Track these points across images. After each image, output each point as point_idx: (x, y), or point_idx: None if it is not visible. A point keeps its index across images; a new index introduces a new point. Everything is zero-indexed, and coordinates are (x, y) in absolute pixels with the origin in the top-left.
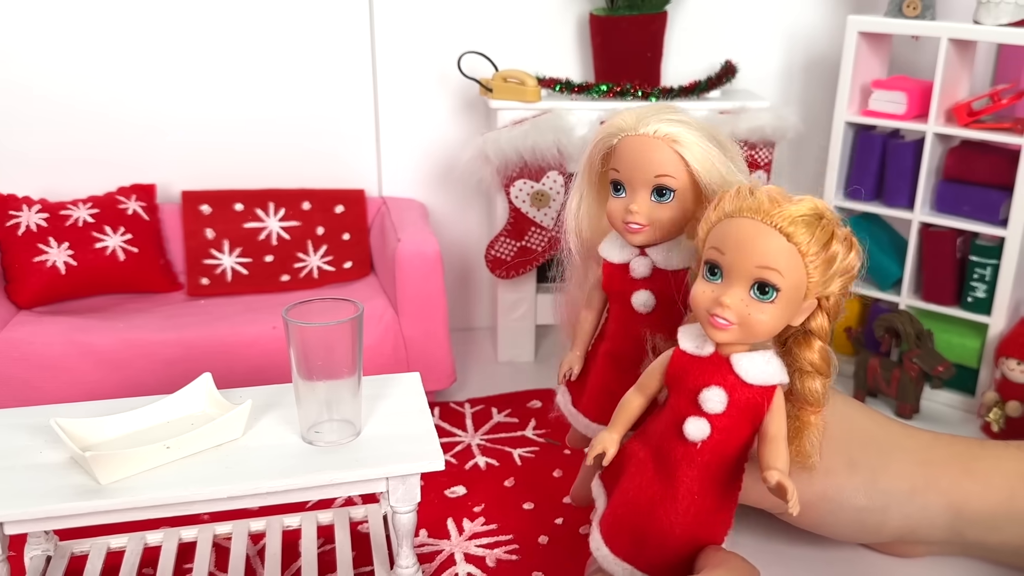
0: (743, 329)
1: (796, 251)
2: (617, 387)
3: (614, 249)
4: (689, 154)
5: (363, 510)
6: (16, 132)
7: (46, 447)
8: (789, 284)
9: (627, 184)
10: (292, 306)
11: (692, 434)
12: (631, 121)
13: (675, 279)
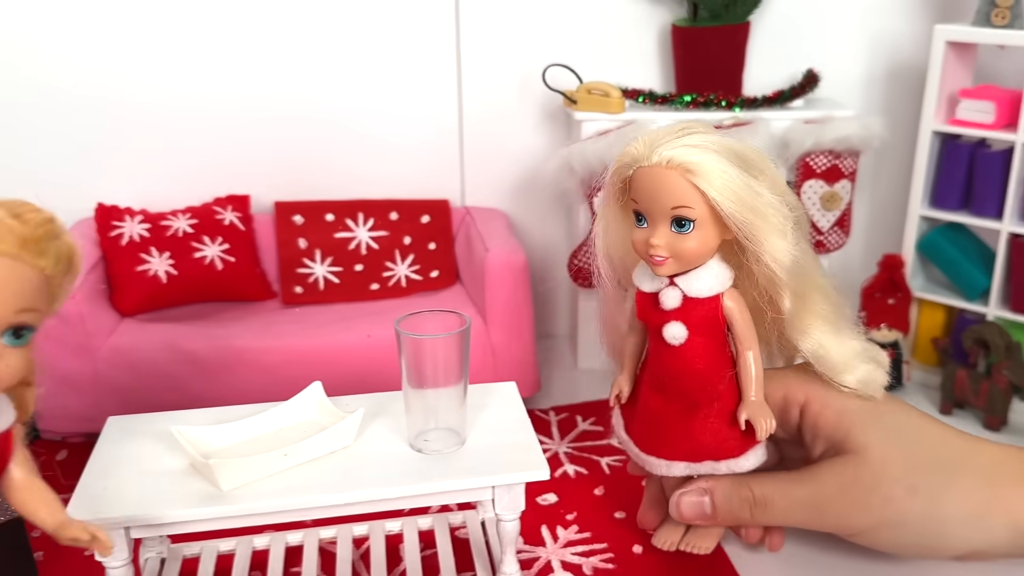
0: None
1: None
2: (662, 417)
3: (645, 278)
4: (704, 182)
5: (461, 516)
6: (118, 145)
7: (165, 453)
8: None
9: (647, 215)
10: (403, 317)
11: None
12: (643, 150)
13: (708, 306)
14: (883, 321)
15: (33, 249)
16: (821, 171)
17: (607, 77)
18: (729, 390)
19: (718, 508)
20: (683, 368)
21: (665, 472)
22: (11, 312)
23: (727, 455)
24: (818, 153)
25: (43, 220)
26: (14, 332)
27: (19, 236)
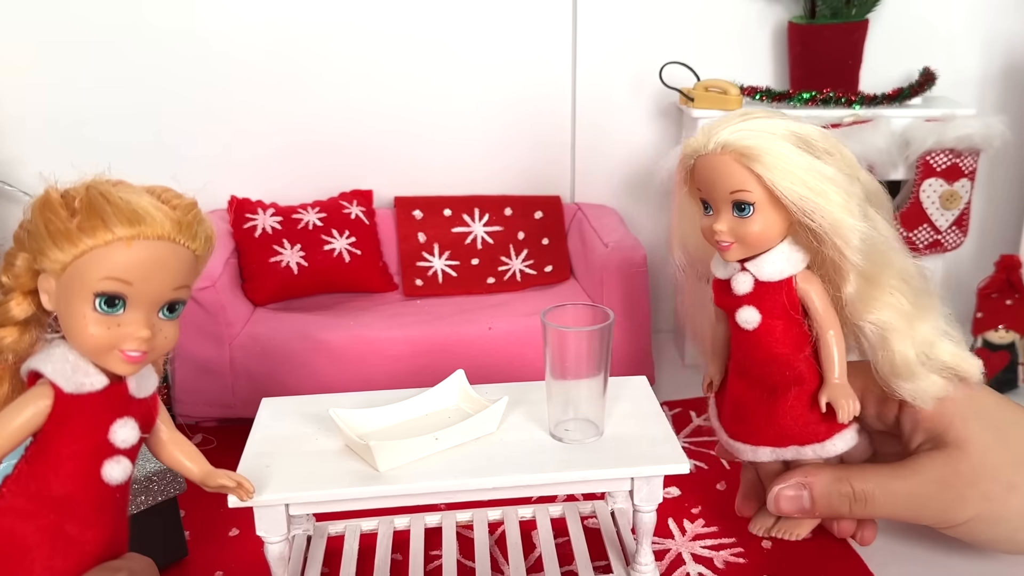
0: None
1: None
2: (746, 402)
3: (719, 265)
4: (758, 165)
5: (590, 505)
6: (249, 141)
7: (319, 434)
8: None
9: (711, 202)
10: (548, 310)
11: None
12: (702, 139)
13: (780, 289)
14: (1000, 322)
15: (186, 232)
16: (941, 170)
17: (721, 75)
18: (811, 373)
19: (817, 502)
20: (760, 352)
21: (751, 457)
22: (169, 289)
23: (812, 439)
24: (939, 152)
25: (190, 205)
26: (169, 307)
27: (174, 221)
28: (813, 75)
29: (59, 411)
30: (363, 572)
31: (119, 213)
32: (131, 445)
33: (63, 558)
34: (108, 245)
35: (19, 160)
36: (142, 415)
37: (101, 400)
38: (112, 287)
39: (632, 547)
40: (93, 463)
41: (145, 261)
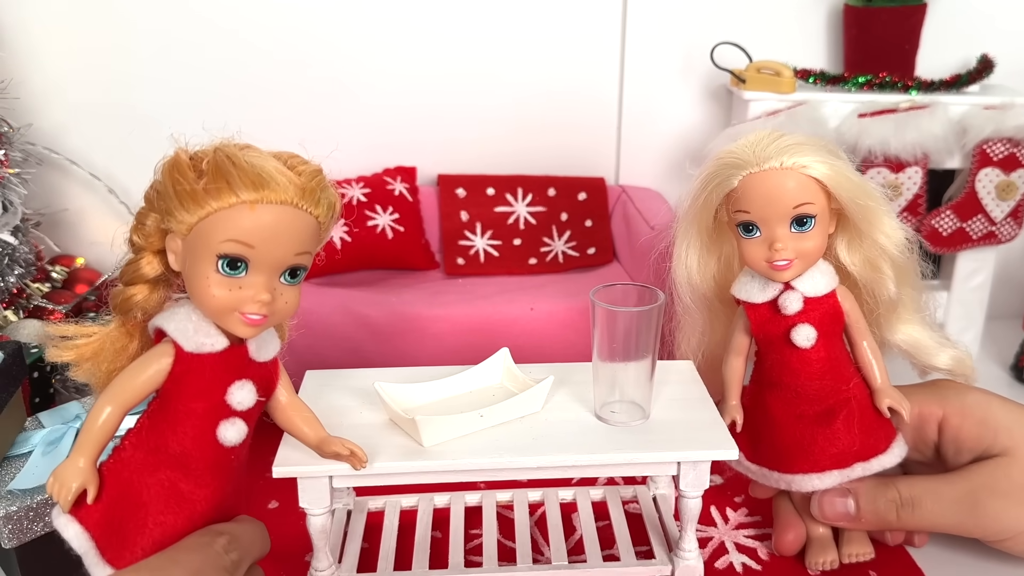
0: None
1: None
2: (801, 430)
3: (754, 289)
4: (820, 173)
5: (631, 490)
6: (296, 114)
7: (363, 407)
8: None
9: (761, 223)
10: (597, 289)
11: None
12: (749, 157)
13: (827, 303)
14: None
15: (309, 198)
16: (998, 159)
17: (774, 56)
18: (859, 387)
19: (863, 510)
20: (814, 371)
21: (818, 485)
22: (291, 255)
23: (874, 452)
24: (996, 140)
25: (314, 171)
26: (291, 272)
27: (298, 187)
28: (868, 59)
29: (179, 369)
30: (403, 548)
31: (244, 176)
32: (247, 408)
33: (174, 514)
34: (232, 208)
35: (65, 127)
36: (261, 379)
37: (220, 361)
38: (234, 250)
39: (674, 533)
40: (209, 423)
41: (268, 225)
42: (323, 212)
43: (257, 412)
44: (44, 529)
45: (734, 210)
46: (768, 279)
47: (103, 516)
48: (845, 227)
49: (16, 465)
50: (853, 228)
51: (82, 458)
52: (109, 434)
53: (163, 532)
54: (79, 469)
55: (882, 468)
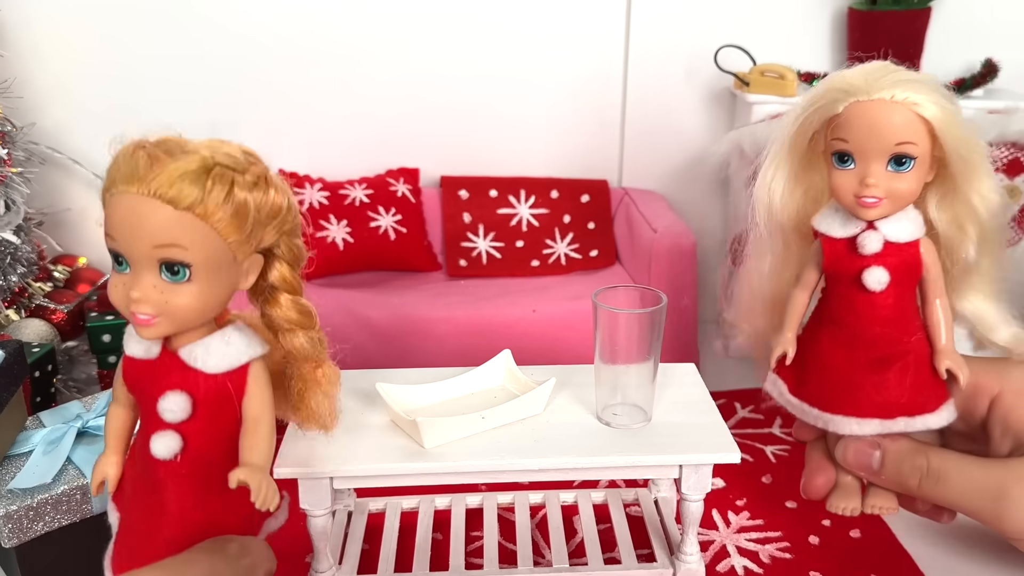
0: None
1: (191, 216)
2: (852, 373)
3: (835, 223)
4: (931, 114)
5: (632, 493)
6: (300, 114)
7: (364, 409)
8: (200, 255)
9: (858, 155)
10: (600, 291)
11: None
12: (860, 84)
13: (908, 251)
14: None
15: (164, 186)
16: (1002, 163)
17: (778, 59)
18: (920, 342)
19: (886, 467)
20: (878, 316)
21: (856, 431)
22: (150, 246)
23: (922, 410)
24: (1000, 144)
25: (195, 159)
26: (168, 268)
27: (151, 175)
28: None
29: (126, 375)
30: (403, 549)
31: (112, 169)
32: (178, 420)
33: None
34: (105, 202)
35: (67, 126)
36: (208, 391)
37: (153, 368)
38: (108, 242)
39: (676, 536)
40: (146, 433)
41: (118, 214)
42: (189, 198)
43: (208, 429)
44: (44, 528)
45: (832, 137)
46: (853, 215)
47: (123, 503)
48: (942, 179)
49: (17, 464)
50: (950, 181)
51: (107, 451)
52: (121, 429)
53: (134, 551)
54: (102, 460)
55: (926, 427)
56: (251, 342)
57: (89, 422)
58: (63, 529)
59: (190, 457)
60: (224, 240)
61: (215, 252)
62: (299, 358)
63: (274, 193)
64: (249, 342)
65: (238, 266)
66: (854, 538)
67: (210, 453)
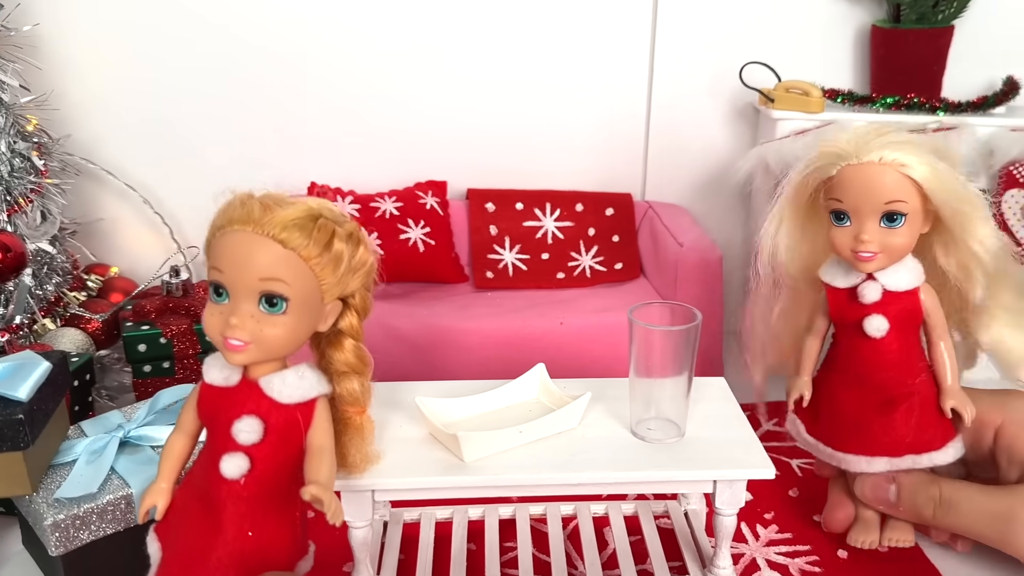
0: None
1: (296, 256)
2: (861, 414)
3: (838, 274)
4: (918, 175)
5: (662, 505)
6: (330, 128)
7: (404, 422)
8: (297, 291)
9: (852, 213)
10: (635, 307)
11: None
12: (850, 148)
13: (907, 299)
14: None
15: (275, 227)
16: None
17: (801, 76)
18: (926, 383)
19: (902, 499)
20: (882, 361)
21: (865, 468)
22: (255, 279)
23: (928, 448)
24: (1022, 162)
25: (305, 208)
26: (267, 301)
27: (265, 217)
28: (896, 79)
29: (202, 401)
30: (439, 560)
31: (224, 211)
32: (250, 443)
33: (199, 552)
34: (213, 238)
35: (102, 138)
36: (279, 419)
37: (231, 395)
38: (213, 275)
39: (707, 549)
40: (216, 454)
41: (229, 249)
42: (295, 240)
43: (275, 454)
44: (89, 537)
45: (828, 197)
46: (852, 267)
47: (166, 535)
48: (940, 229)
49: (61, 473)
50: (948, 231)
51: (158, 479)
52: (177, 458)
53: (183, 568)
54: (153, 488)
55: (932, 464)
56: (320, 379)
57: (130, 432)
58: (107, 538)
59: (254, 480)
60: (318, 282)
61: (309, 291)
62: (347, 401)
63: (363, 249)
64: (319, 379)
65: (323, 308)
66: (882, 553)
67: (272, 479)
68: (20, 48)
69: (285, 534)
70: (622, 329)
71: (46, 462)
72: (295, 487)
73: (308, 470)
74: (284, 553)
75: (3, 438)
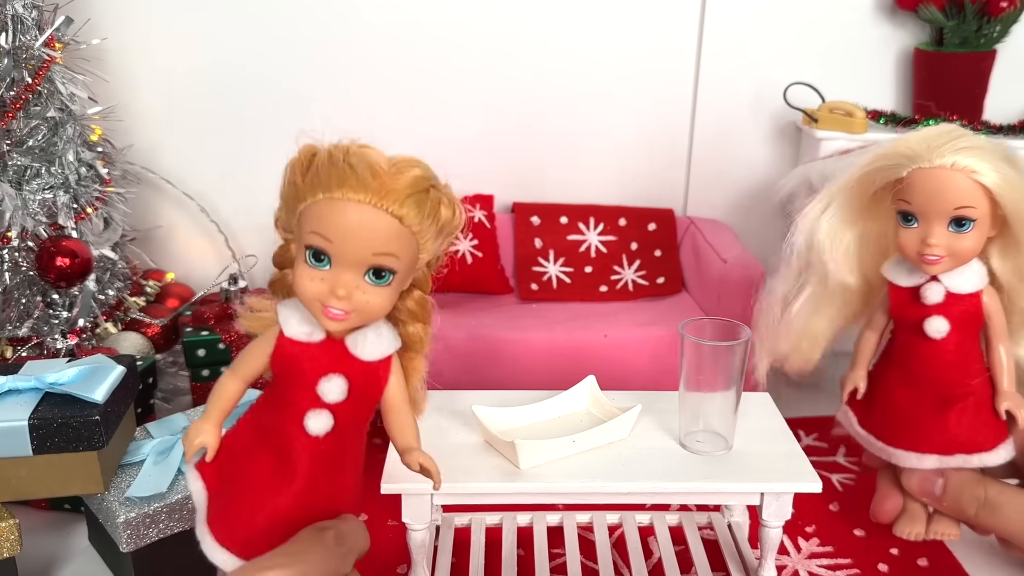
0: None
1: (409, 231)
2: (915, 411)
3: (902, 273)
4: (989, 181)
5: (705, 516)
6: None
7: (461, 428)
8: (404, 263)
9: (920, 216)
10: (686, 323)
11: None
12: (922, 151)
13: (969, 302)
14: None
15: (393, 200)
16: None
17: (843, 97)
18: (982, 384)
19: (947, 494)
20: (940, 361)
21: (915, 464)
22: (368, 253)
23: (979, 448)
24: None
25: (416, 177)
26: (375, 272)
27: (383, 187)
28: (938, 102)
29: (279, 353)
30: (489, 564)
31: (334, 173)
32: (335, 401)
33: (263, 500)
34: (318, 202)
35: (159, 147)
36: (361, 376)
37: (316, 351)
38: (316, 242)
39: (750, 560)
40: (299, 409)
41: (343, 221)
42: (412, 216)
43: (354, 409)
44: (158, 535)
45: (897, 198)
46: (917, 268)
47: (215, 477)
48: (1004, 233)
49: (130, 473)
50: (1011, 236)
51: (207, 420)
52: (230, 400)
53: (251, 513)
54: (203, 429)
55: (982, 464)
56: (393, 334)
57: None
58: (174, 536)
59: (333, 435)
60: (420, 251)
61: (412, 261)
62: (407, 347)
63: (457, 212)
64: (393, 335)
65: (415, 270)
66: (922, 567)
67: (348, 433)
68: (88, 61)
69: (353, 483)
70: (665, 343)
71: (116, 462)
72: (363, 437)
73: (398, 433)
74: (351, 499)
75: (80, 438)
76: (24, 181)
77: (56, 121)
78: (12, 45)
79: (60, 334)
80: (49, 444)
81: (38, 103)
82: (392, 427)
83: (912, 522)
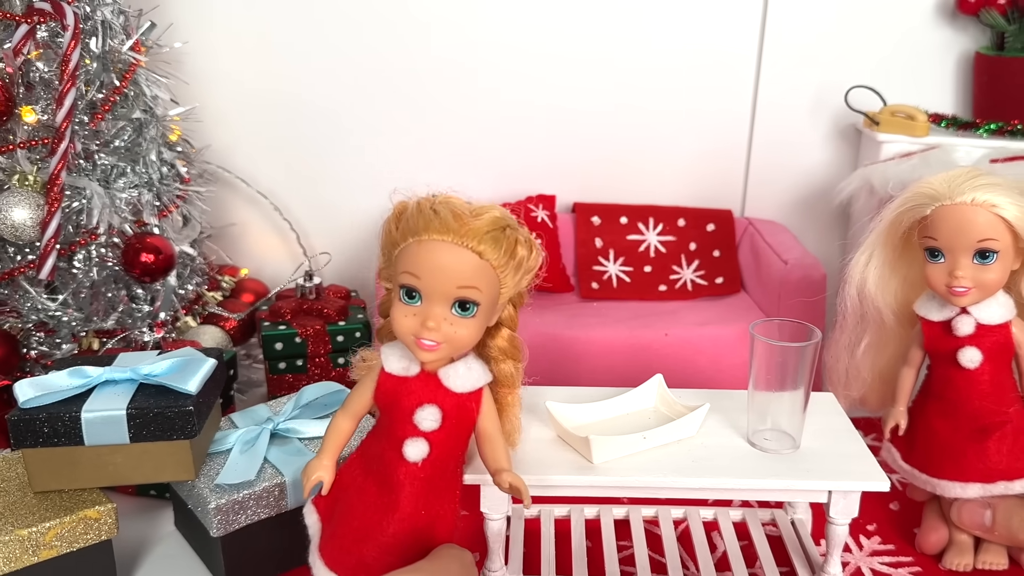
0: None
1: (489, 265)
2: (955, 441)
3: (933, 308)
4: (1009, 214)
5: (768, 513)
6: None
7: (532, 423)
8: (486, 296)
9: (946, 251)
10: (757, 323)
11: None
12: (944, 190)
13: (1000, 332)
14: None
15: (472, 238)
16: None
17: (902, 100)
18: (1019, 412)
19: (998, 523)
20: (976, 391)
21: (959, 494)
22: (453, 287)
23: (1021, 475)
24: None
25: (494, 219)
26: (460, 305)
27: (463, 227)
28: (998, 106)
29: (381, 388)
30: (560, 554)
31: (420, 220)
32: (430, 429)
33: (367, 528)
34: (409, 245)
35: (233, 147)
36: (454, 407)
37: (413, 384)
38: (408, 280)
39: (814, 556)
40: (398, 438)
41: (429, 258)
42: (490, 252)
43: (448, 438)
44: (246, 521)
45: (923, 235)
46: (947, 302)
47: (327, 508)
48: None
49: (218, 461)
50: None
51: (323, 457)
52: (343, 437)
53: (358, 540)
54: (319, 465)
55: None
56: (484, 369)
57: (279, 425)
58: (260, 522)
59: (430, 462)
60: (501, 286)
61: (494, 295)
62: (501, 383)
63: (535, 252)
64: (483, 369)
65: (499, 306)
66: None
67: (444, 461)
68: (169, 64)
69: (451, 510)
70: (724, 342)
71: (205, 450)
72: (460, 467)
73: (490, 458)
74: (449, 527)
75: (174, 428)
76: (111, 180)
77: (141, 122)
78: (102, 49)
79: (147, 327)
80: (145, 432)
81: (124, 105)
82: (485, 454)
83: (960, 553)
